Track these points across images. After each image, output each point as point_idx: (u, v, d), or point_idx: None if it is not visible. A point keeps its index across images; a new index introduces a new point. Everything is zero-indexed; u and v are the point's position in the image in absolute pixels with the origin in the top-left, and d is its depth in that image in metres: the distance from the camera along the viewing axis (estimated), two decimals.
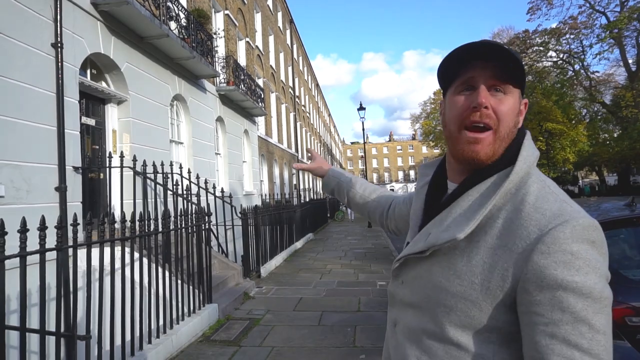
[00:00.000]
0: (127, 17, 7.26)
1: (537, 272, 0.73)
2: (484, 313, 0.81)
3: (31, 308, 3.70)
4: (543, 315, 0.73)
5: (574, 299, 0.71)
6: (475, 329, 0.83)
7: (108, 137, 7.49)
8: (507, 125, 0.86)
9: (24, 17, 5.34)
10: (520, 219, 0.79)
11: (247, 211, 8.16)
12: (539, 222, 0.77)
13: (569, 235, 0.74)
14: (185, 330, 4.74)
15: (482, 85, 0.86)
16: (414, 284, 0.95)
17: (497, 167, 0.87)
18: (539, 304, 0.73)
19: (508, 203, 0.82)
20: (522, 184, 0.83)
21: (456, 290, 0.84)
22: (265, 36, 20.89)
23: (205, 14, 10.85)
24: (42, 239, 2.90)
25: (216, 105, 12.46)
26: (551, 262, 0.73)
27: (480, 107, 0.84)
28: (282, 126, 23.76)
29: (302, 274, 8.65)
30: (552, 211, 0.77)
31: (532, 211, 0.78)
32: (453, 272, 0.85)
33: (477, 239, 0.83)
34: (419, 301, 0.93)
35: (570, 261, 0.72)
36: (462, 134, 0.87)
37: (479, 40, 0.86)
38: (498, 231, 0.81)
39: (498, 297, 0.79)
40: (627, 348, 2.05)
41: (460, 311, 0.83)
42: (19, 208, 4.91)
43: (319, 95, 46.75)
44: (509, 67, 0.85)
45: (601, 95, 27.21)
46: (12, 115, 5.06)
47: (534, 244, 0.75)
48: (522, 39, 27.36)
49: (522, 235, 0.77)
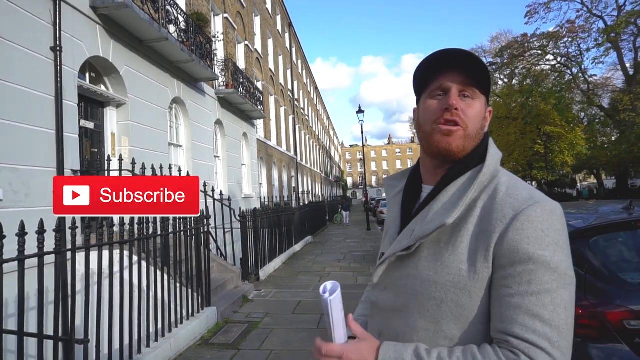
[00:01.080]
0: (126, 21, 7.27)
1: (512, 247, 0.81)
2: (473, 300, 0.85)
3: (29, 312, 3.69)
4: (511, 287, 0.80)
5: (541, 272, 0.78)
6: (467, 319, 0.86)
7: (107, 140, 7.49)
8: (474, 126, 0.95)
9: (23, 20, 5.34)
10: (496, 204, 0.86)
11: (246, 214, 8.15)
12: (513, 204, 0.85)
13: (540, 214, 0.82)
14: (184, 334, 4.72)
15: (454, 89, 0.95)
16: (399, 285, 0.95)
17: (469, 165, 0.96)
18: (509, 277, 0.80)
19: (483, 194, 0.90)
20: (493, 178, 0.92)
21: (445, 280, 0.87)
22: (264, 39, 20.93)
23: (205, 17, 10.87)
24: (40, 242, 2.89)
25: (215, 108, 12.47)
26: (524, 237, 0.81)
27: (451, 108, 0.93)
28: (281, 129, 23.76)
29: (301, 277, 8.65)
30: (523, 196, 0.86)
31: (506, 197, 0.87)
32: (440, 263, 0.88)
33: (459, 229, 0.89)
34: (407, 302, 0.93)
35: (541, 237, 0.80)
36: (436, 128, 0.96)
37: (450, 49, 0.96)
38: (477, 219, 0.88)
39: (485, 279, 0.84)
40: (625, 351, 2.05)
41: (451, 301, 0.86)
42: (18, 211, 4.90)
43: (318, 98, 46.81)
44: (477, 74, 0.95)
45: (599, 99, 27.25)
46: (11, 118, 5.06)
47: (510, 223, 0.82)
48: (521, 42, 27.42)
49: (498, 217, 0.84)
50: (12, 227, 2.75)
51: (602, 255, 2.45)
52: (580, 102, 28.25)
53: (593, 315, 2.16)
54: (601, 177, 34.29)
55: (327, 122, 56.57)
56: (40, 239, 2.89)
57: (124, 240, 3.88)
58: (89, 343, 3.31)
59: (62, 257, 3.25)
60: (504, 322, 0.79)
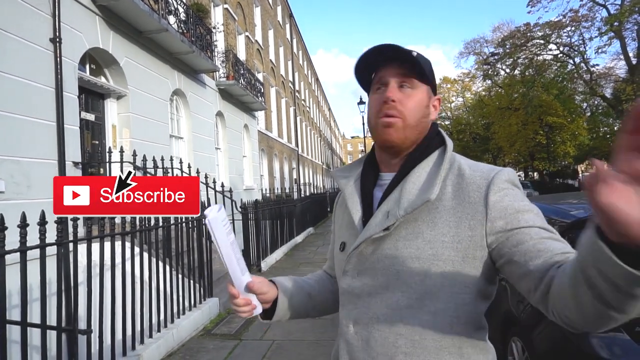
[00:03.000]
0: (125, 12, 7.22)
1: (498, 207, 0.88)
2: (456, 269, 0.90)
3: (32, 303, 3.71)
4: (523, 233, 0.85)
5: (532, 216, 0.87)
6: (450, 291, 0.90)
7: (108, 132, 7.48)
8: (413, 115, 0.99)
9: (22, 11, 5.31)
10: (466, 179, 0.93)
11: (248, 205, 8.16)
12: (482, 175, 0.93)
13: (506, 177, 0.92)
14: (186, 324, 4.75)
15: (392, 82, 0.99)
16: (377, 268, 0.96)
17: (428, 149, 1.01)
18: (512, 229, 0.86)
19: (449, 174, 0.96)
20: (452, 161, 0.99)
21: (428, 255, 0.90)
22: (265, 30, 20.81)
23: (204, 8, 10.80)
24: (42, 233, 2.90)
25: (216, 99, 12.43)
26: (504, 196, 0.89)
27: (388, 100, 0.97)
28: (282, 120, 23.72)
29: (303, 268, 8.68)
30: (486, 168, 0.95)
31: (472, 172, 0.94)
32: (422, 239, 0.91)
33: (435, 206, 0.93)
34: (386, 282, 0.94)
35: (515, 194, 0.91)
36: (378, 122, 1.00)
37: (385, 44, 0.99)
38: (451, 195, 0.93)
39: (468, 248, 0.89)
40: (625, 340, 2.06)
41: (434, 274, 0.90)
42: (19, 203, 4.91)
43: (319, 90, 46.64)
44: (415, 65, 0.98)
45: (602, 89, 27.08)
46: (12, 110, 5.05)
47: (487, 189, 0.90)
48: (523, 32, 27.20)
49: (473, 188, 0.91)
50: (14, 219, 2.75)
51: None
52: (582, 92, 28.07)
53: None
54: None
55: (328, 113, 56.42)
56: (42, 230, 2.89)
57: (125, 232, 3.89)
58: (92, 333, 3.34)
59: (64, 249, 3.26)
60: (542, 256, 0.81)
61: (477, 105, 38.39)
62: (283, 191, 17.41)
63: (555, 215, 2.82)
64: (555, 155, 31.70)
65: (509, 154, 34.96)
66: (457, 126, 42.80)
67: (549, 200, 3.62)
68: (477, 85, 37.98)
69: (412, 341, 0.91)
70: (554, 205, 3.13)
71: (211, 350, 4.43)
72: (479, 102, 37.31)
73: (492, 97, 34.88)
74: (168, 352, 4.32)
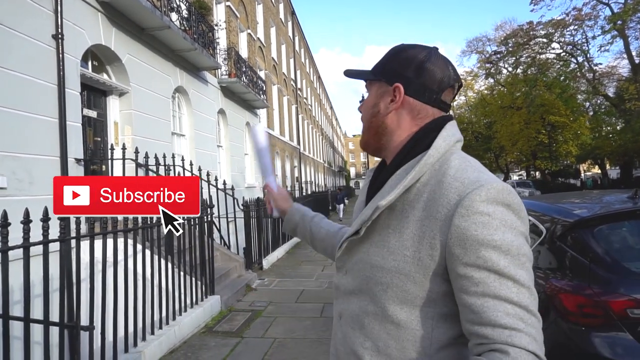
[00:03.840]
0: (128, 8, 7.21)
1: (460, 235, 0.78)
2: (418, 286, 0.85)
3: (35, 299, 3.72)
4: (472, 277, 0.77)
5: (496, 257, 0.76)
6: (413, 304, 0.86)
7: (110, 129, 7.48)
8: (366, 119, 1.02)
9: (24, 8, 5.31)
10: (442, 188, 0.84)
11: (249, 203, 8.16)
12: (458, 189, 0.81)
13: (484, 197, 0.79)
14: (188, 322, 4.76)
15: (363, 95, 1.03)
16: (355, 270, 0.97)
17: (415, 150, 0.93)
18: (466, 266, 0.78)
19: (432, 178, 0.87)
20: (444, 161, 0.88)
21: (390, 266, 0.87)
22: (267, 28, 20.78)
23: (207, 5, 10.78)
24: (45, 230, 2.91)
25: (218, 97, 12.42)
26: (471, 223, 0.78)
27: None
28: (284, 118, 23.70)
29: (304, 266, 8.68)
30: (470, 179, 0.82)
31: (452, 180, 0.83)
32: (387, 249, 0.89)
33: (406, 215, 0.87)
34: (360, 285, 0.95)
35: (487, 222, 0.78)
36: None
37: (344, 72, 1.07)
38: (424, 204, 0.85)
39: (430, 267, 0.83)
40: (629, 340, 2.05)
41: (396, 287, 0.87)
42: (22, 200, 4.92)
43: (321, 88, 46.57)
44: (366, 71, 1.04)
45: (604, 88, 26.96)
46: (14, 107, 5.06)
47: (454, 209, 0.80)
48: (526, 30, 27.10)
49: (443, 203, 0.82)
50: (16, 215, 2.76)
51: (607, 244, 2.44)
52: (585, 91, 27.95)
53: (597, 304, 2.16)
54: (605, 167, 34.09)
55: (330, 111, 56.35)
56: (45, 226, 2.90)
57: (128, 229, 3.90)
58: (94, 330, 3.34)
59: (66, 245, 3.27)
60: (476, 312, 0.77)
61: (479, 104, 38.28)
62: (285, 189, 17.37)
63: (558, 214, 2.81)
64: (557, 155, 31.63)
65: (511, 153, 34.88)
66: (459, 125, 41.77)
67: (551, 200, 3.61)
68: (479, 83, 37.89)
69: (377, 347, 0.91)
70: (556, 204, 3.12)
71: (213, 348, 4.44)
72: (481, 101, 37.20)
73: (495, 96, 34.79)
74: (170, 349, 4.33)
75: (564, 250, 2.51)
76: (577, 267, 2.39)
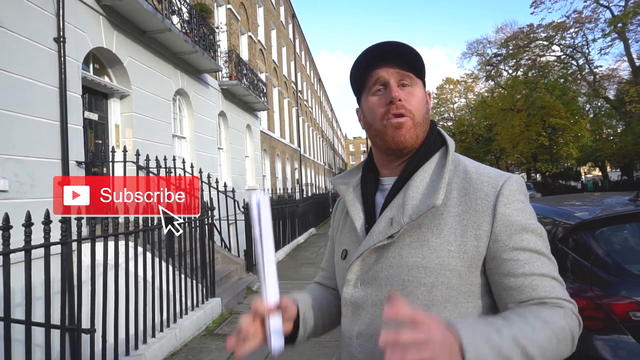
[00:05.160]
0: (129, 11, 7.24)
1: (505, 221, 0.85)
2: (462, 280, 0.87)
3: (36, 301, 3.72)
4: (518, 259, 0.84)
5: (535, 239, 0.86)
6: (456, 300, 0.87)
7: (111, 132, 7.49)
8: (420, 112, 0.96)
9: (26, 11, 5.33)
10: (473, 184, 0.90)
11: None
12: (490, 182, 0.89)
13: (515, 187, 0.89)
14: (189, 324, 4.76)
15: (392, 81, 0.94)
16: (381, 278, 0.91)
17: (430, 150, 0.97)
18: (513, 250, 0.85)
19: (454, 177, 0.93)
20: (457, 162, 0.96)
21: (435, 264, 0.87)
22: (268, 30, 20.82)
23: (208, 8, 10.81)
24: (46, 232, 2.91)
25: (219, 99, 12.44)
26: (512, 210, 0.86)
27: (395, 100, 0.93)
28: (285, 121, 23.72)
29: (305, 269, 8.68)
30: (493, 173, 0.91)
31: (479, 176, 0.91)
32: (427, 247, 0.88)
33: (440, 212, 0.89)
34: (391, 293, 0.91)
35: (523, 208, 0.88)
36: (387, 124, 0.94)
37: (377, 43, 0.95)
38: (456, 200, 0.90)
39: (474, 258, 0.87)
40: (631, 343, 2.05)
41: (442, 284, 0.87)
42: (23, 202, 4.93)
43: (322, 91, 46.62)
44: (409, 60, 0.95)
45: (605, 90, 26.98)
46: (15, 109, 5.07)
47: (495, 199, 0.87)
48: (527, 33, 27.16)
49: (480, 196, 0.88)
50: (18, 218, 2.76)
51: (608, 246, 2.43)
52: (585, 93, 27.98)
53: (599, 306, 2.15)
54: (606, 169, 34.09)
55: (330, 113, 56.40)
56: (47, 229, 2.90)
57: (129, 232, 3.90)
58: (95, 333, 3.34)
59: (67, 248, 3.27)
60: (524, 292, 0.83)
61: (479, 106, 38.32)
62: (285, 192, 17.39)
63: (559, 216, 2.80)
64: (558, 157, 31.62)
65: (511, 155, 34.88)
66: (459, 127, 42.76)
67: (552, 202, 3.60)
68: (479, 86, 38.01)
69: None
70: (557, 206, 3.11)
71: (213, 351, 4.43)
72: (482, 103, 37.25)
73: (495, 98, 34.83)
74: (170, 352, 4.32)
75: (566, 253, 2.51)
76: (579, 269, 2.39)
